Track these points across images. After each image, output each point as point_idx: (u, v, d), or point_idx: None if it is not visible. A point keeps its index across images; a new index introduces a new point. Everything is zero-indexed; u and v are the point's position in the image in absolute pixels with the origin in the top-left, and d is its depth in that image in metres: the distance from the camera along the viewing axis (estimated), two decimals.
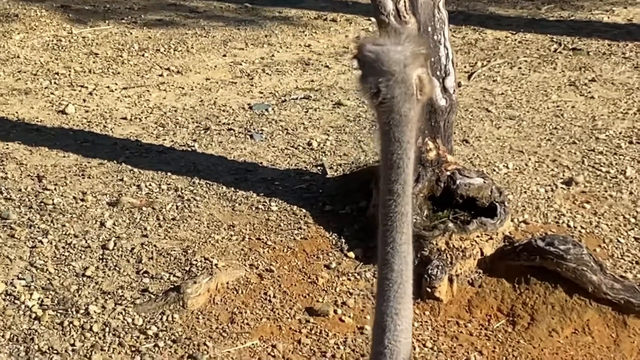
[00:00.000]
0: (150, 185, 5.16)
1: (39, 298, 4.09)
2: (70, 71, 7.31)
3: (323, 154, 5.63)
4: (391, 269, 2.00)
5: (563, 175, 5.26)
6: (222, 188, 5.11)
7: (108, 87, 6.94)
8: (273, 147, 5.75)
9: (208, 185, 5.15)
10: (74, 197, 5.02)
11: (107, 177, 5.29)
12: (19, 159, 5.52)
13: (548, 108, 6.38)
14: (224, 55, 7.86)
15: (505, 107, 6.43)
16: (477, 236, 4.28)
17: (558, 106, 6.42)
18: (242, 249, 4.50)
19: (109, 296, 4.11)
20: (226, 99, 6.71)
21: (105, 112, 6.41)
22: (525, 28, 8.44)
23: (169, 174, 5.30)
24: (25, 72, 7.27)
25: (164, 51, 7.91)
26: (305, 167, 5.44)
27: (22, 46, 7.98)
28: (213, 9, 9.50)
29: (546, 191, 5.05)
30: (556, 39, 8.03)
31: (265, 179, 5.25)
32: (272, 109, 6.44)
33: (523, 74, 7.16)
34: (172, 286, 4.15)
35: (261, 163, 5.51)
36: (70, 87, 6.94)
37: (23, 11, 8.98)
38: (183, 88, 6.96)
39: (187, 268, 4.32)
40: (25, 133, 5.98)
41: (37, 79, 7.10)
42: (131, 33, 8.46)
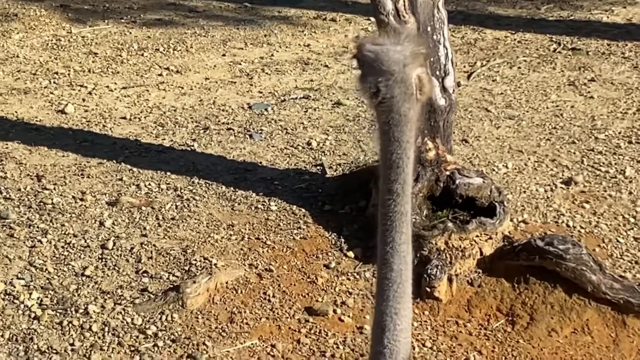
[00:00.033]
0: (149, 184, 5.16)
1: (38, 298, 4.08)
2: (69, 71, 7.31)
3: (322, 154, 5.63)
4: (390, 269, 2.00)
5: (562, 175, 5.26)
6: (222, 188, 5.11)
7: (107, 87, 6.94)
8: (272, 147, 5.75)
9: (207, 184, 5.15)
10: (73, 197, 5.02)
11: (107, 177, 5.28)
12: (18, 159, 5.52)
13: (547, 108, 6.38)
14: (224, 54, 7.86)
15: (504, 107, 6.43)
16: (477, 236, 4.28)
17: (557, 106, 6.42)
18: (242, 249, 4.50)
19: (108, 296, 4.11)
20: (225, 99, 6.70)
21: (104, 112, 6.41)
22: (524, 28, 8.44)
23: (168, 174, 5.30)
24: (24, 72, 7.27)
25: (164, 51, 7.91)
26: (304, 167, 5.44)
27: (22, 46, 7.97)
28: (212, 9, 9.50)
29: (545, 191, 5.05)
30: (555, 39, 8.03)
31: (264, 179, 5.24)
32: (272, 109, 6.44)
33: (522, 74, 7.16)
34: (172, 286, 4.15)
35: (260, 163, 5.51)
36: (69, 87, 6.93)
37: (22, 11, 8.97)
38: (182, 88, 6.96)
39: (187, 268, 4.32)
40: (24, 132, 5.98)
41: (37, 79, 7.10)
42: (130, 32, 8.46)
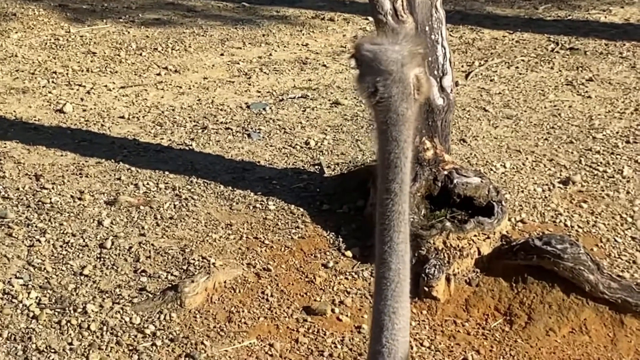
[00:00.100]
0: (147, 184, 5.16)
1: (37, 297, 4.08)
2: (68, 70, 7.31)
3: (320, 153, 5.63)
4: (388, 268, 2.01)
5: (560, 174, 5.27)
6: (220, 187, 5.11)
7: (106, 86, 6.94)
8: (271, 146, 5.75)
9: (206, 184, 5.15)
10: (72, 196, 5.02)
11: (105, 176, 5.29)
12: (17, 158, 5.52)
13: (545, 107, 6.39)
14: (222, 54, 7.86)
15: (502, 107, 6.43)
16: (475, 235, 4.29)
17: (555, 106, 6.42)
18: (240, 248, 4.50)
19: (107, 295, 4.11)
20: (224, 98, 6.71)
21: (102, 111, 6.41)
22: (522, 28, 8.45)
23: (167, 173, 5.30)
24: (23, 71, 7.27)
25: (162, 50, 7.91)
26: (302, 166, 5.44)
27: (20, 45, 7.97)
28: (211, 8, 9.50)
29: (543, 190, 5.06)
30: (553, 39, 8.04)
31: (262, 178, 5.25)
32: (270, 108, 6.44)
33: (520, 74, 7.17)
34: (170, 285, 4.15)
35: (259, 162, 5.51)
36: (68, 86, 6.93)
37: (21, 10, 8.97)
38: (181, 87, 6.96)
39: (185, 267, 4.32)
40: (22, 132, 5.98)
41: (35, 78, 7.10)
42: (129, 32, 8.46)
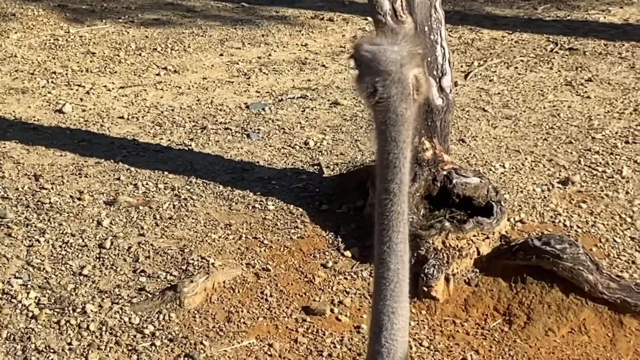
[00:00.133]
0: (147, 184, 5.17)
1: (36, 297, 4.09)
2: (67, 70, 7.30)
3: (320, 153, 5.63)
4: (387, 268, 2.01)
5: (559, 174, 5.27)
6: (219, 187, 5.11)
7: (105, 87, 6.94)
8: (270, 147, 5.75)
9: (205, 184, 5.15)
10: (71, 196, 5.02)
11: (104, 176, 5.29)
12: (16, 158, 5.52)
13: (544, 108, 6.39)
14: (221, 54, 7.86)
15: (501, 107, 6.44)
16: (474, 235, 4.29)
17: (554, 106, 6.43)
18: (239, 248, 4.50)
19: (106, 295, 4.12)
20: (223, 98, 6.71)
21: (102, 111, 6.41)
22: (521, 28, 8.45)
23: (166, 173, 5.30)
24: (22, 72, 7.27)
25: (161, 50, 7.91)
26: (302, 167, 5.44)
27: (20, 45, 7.97)
28: (210, 9, 9.50)
29: (542, 191, 5.06)
30: (552, 39, 8.04)
31: (262, 178, 5.25)
32: (269, 108, 6.44)
33: (519, 74, 7.17)
34: (169, 285, 4.15)
35: (258, 162, 5.51)
36: (67, 86, 6.93)
37: (20, 10, 8.96)
38: (180, 87, 6.96)
39: (184, 267, 4.32)
40: (22, 132, 5.98)
41: (35, 78, 7.10)
42: (128, 32, 8.46)
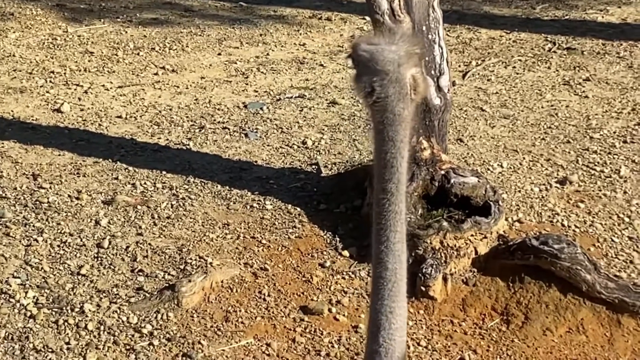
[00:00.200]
0: (145, 183, 5.16)
1: (34, 296, 4.09)
2: (65, 70, 7.30)
3: (318, 153, 5.63)
4: (385, 268, 2.01)
5: (557, 174, 5.27)
6: (217, 187, 5.11)
7: (103, 86, 6.94)
8: (268, 146, 5.76)
9: (203, 183, 5.15)
10: (69, 196, 5.02)
11: (102, 176, 5.29)
12: (14, 158, 5.51)
13: (542, 107, 6.40)
14: (219, 54, 7.86)
15: (499, 107, 6.44)
16: (472, 235, 4.29)
17: (552, 105, 6.43)
18: (237, 248, 4.50)
19: (104, 294, 4.12)
20: (221, 98, 6.71)
21: (100, 111, 6.41)
22: (519, 27, 8.45)
23: (164, 173, 5.30)
24: (20, 71, 7.26)
25: (159, 50, 7.91)
26: (300, 166, 5.44)
27: (18, 45, 7.97)
28: (208, 8, 9.50)
29: (540, 190, 5.06)
30: (550, 39, 8.05)
31: (260, 178, 5.25)
32: (267, 108, 6.44)
33: (517, 73, 7.17)
34: (167, 285, 4.15)
35: (256, 162, 5.51)
36: (65, 86, 6.93)
37: (18, 10, 8.96)
38: (178, 87, 6.96)
39: (182, 266, 4.32)
40: (20, 131, 5.98)
41: (33, 78, 7.10)
42: (126, 32, 8.46)
